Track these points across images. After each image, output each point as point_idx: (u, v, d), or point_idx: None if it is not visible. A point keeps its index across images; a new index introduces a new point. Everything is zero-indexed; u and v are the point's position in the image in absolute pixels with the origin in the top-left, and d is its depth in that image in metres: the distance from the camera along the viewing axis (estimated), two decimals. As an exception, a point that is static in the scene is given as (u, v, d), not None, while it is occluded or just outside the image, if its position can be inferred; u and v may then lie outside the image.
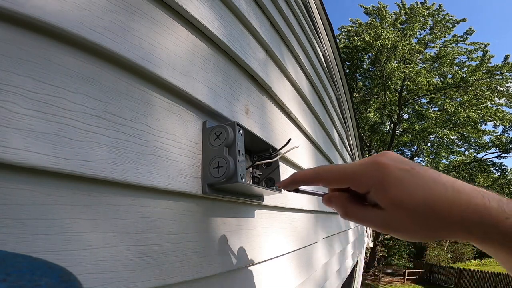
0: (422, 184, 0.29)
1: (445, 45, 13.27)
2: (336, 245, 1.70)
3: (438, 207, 0.28)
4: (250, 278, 0.57)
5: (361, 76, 14.73)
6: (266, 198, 0.61)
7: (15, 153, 0.23)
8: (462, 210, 0.28)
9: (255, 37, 0.70)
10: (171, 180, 0.39)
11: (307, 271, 0.98)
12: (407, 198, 0.29)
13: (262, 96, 0.72)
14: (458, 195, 0.28)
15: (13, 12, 0.24)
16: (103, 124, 0.31)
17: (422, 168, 0.31)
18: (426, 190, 0.29)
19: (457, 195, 0.28)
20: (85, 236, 0.28)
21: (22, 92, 0.25)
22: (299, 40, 1.09)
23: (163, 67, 0.39)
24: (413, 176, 0.30)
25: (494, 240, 0.27)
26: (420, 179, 0.29)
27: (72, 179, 0.28)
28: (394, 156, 0.32)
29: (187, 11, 0.44)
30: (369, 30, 12.65)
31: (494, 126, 12.75)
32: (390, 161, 0.31)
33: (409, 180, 0.29)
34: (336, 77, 2.04)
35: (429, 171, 0.30)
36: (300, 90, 1.04)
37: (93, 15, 0.31)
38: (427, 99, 13.80)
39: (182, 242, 0.40)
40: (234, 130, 0.43)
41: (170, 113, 0.41)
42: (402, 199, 0.29)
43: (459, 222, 0.28)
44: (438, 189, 0.29)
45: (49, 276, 0.15)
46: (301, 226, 0.94)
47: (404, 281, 13.79)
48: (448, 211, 0.28)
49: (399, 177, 0.30)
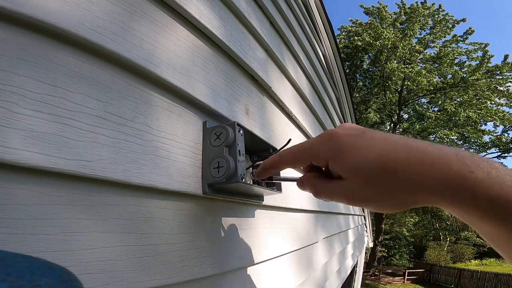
0: (375, 145, 0.28)
1: (445, 45, 13.28)
2: (336, 245, 1.70)
3: (392, 166, 0.27)
4: (250, 278, 0.57)
5: (361, 76, 14.73)
6: (266, 198, 0.61)
7: (15, 153, 0.23)
8: (418, 167, 0.26)
9: (255, 37, 0.70)
10: (171, 180, 0.39)
11: (307, 271, 0.98)
12: (362, 162, 0.28)
13: (262, 96, 0.72)
14: (413, 153, 0.26)
15: (13, 12, 0.24)
16: (103, 124, 0.31)
17: (373, 131, 0.30)
18: (378, 151, 0.27)
19: (412, 153, 0.26)
20: (85, 236, 0.28)
21: (22, 92, 0.25)
22: (299, 40, 1.09)
23: (163, 67, 0.39)
24: (365, 139, 0.29)
25: (462, 200, 0.25)
26: (372, 140, 0.28)
27: (72, 179, 0.28)
28: (347, 126, 0.32)
29: (187, 11, 0.44)
30: (369, 30, 12.65)
31: (494, 126, 12.76)
32: (343, 130, 0.31)
33: (361, 144, 0.29)
34: (336, 77, 2.04)
35: (379, 133, 0.29)
36: (300, 90, 1.04)
37: (93, 15, 0.31)
38: (427, 99, 13.81)
39: (182, 242, 0.40)
40: (234, 130, 0.43)
41: (170, 113, 0.41)
42: (357, 164, 0.28)
43: (419, 182, 0.26)
44: (389, 148, 0.27)
45: (49, 276, 0.15)
46: (301, 226, 0.94)
47: (404, 281, 13.79)
48: (404, 170, 0.26)
49: (351, 143, 0.29)
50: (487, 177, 0.24)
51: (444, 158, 0.25)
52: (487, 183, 0.24)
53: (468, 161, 0.25)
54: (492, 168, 0.24)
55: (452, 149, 0.26)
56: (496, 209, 0.24)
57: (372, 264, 14.01)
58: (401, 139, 0.28)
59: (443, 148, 0.26)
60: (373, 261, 14.05)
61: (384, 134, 0.29)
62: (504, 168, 0.24)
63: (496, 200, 0.23)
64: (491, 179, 0.24)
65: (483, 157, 0.26)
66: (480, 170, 0.24)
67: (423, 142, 0.27)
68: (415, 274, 14.58)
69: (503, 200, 0.23)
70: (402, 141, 0.27)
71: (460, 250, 18.45)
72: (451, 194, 0.25)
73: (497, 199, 0.23)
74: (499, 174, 0.24)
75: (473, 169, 0.24)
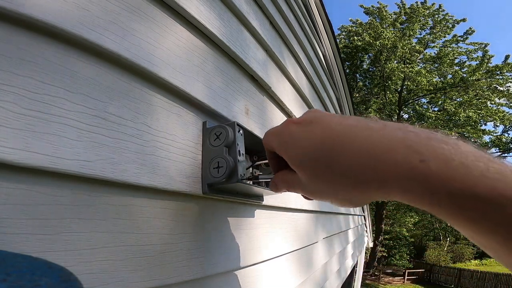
0: (313, 136, 0.25)
1: (445, 45, 13.28)
2: (336, 245, 1.70)
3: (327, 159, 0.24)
4: (250, 278, 0.57)
5: (361, 76, 14.73)
6: (266, 198, 0.61)
7: (15, 153, 0.23)
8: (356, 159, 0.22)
9: (255, 37, 0.70)
10: (171, 180, 0.39)
11: (307, 271, 0.98)
12: (300, 154, 0.26)
13: (262, 96, 0.72)
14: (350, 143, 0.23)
15: (13, 12, 0.24)
16: (103, 124, 0.31)
17: (323, 118, 0.26)
18: (315, 142, 0.25)
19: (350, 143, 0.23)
20: (85, 236, 0.28)
21: (22, 92, 0.25)
22: (299, 40, 1.09)
23: (163, 67, 0.39)
24: (307, 128, 0.26)
25: (418, 195, 0.21)
26: (312, 130, 0.26)
27: (72, 179, 0.28)
28: (305, 114, 0.29)
29: (187, 11, 0.44)
30: (369, 30, 12.65)
31: (494, 126, 12.76)
32: (297, 119, 0.29)
33: (302, 135, 0.26)
34: (336, 77, 2.04)
35: (326, 120, 0.26)
36: (300, 90, 1.04)
37: (93, 15, 0.31)
38: (427, 99, 13.81)
39: (182, 242, 0.40)
40: (234, 130, 0.43)
41: (170, 113, 0.41)
42: (297, 157, 0.27)
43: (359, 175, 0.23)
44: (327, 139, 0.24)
45: (49, 276, 0.15)
46: (301, 226, 0.94)
47: (404, 281, 13.80)
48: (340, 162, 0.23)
49: (294, 134, 0.27)
50: (447, 166, 0.19)
51: (387, 146, 0.21)
52: (445, 174, 0.19)
53: (422, 147, 0.20)
54: (457, 154, 0.20)
55: (406, 132, 0.22)
56: (465, 207, 0.19)
57: (372, 264, 14.01)
58: (345, 126, 0.24)
59: (391, 133, 0.22)
60: (373, 261, 14.05)
61: (331, 120, 0.26)
62: (475, 152, 0.20)
63: (460, 195, 0.19)
64: (452, 169, 0.19)
65: (451, 140, 0.21)
66: (438, 158, 0.20)
67: (370, 128, 0.23)
68: (415, 274, 14.59)
69: (468, 195, 0.18)
70: (344, 130, 0.24)
71: (460, 250, 18.45)
72: (401, 189, 0.21)
73: (460, 194, 0.19)
74: (465, 161, 0.19)
75: (427, 157, 0.20)
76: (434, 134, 0.21)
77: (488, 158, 0.19)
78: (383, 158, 0.21)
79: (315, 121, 0.27)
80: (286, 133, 0.28)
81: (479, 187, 0.18)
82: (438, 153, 0.20)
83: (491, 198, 0.18)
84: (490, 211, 0.18)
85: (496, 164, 0.19)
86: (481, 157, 0.19)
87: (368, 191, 0.24)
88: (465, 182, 0.19)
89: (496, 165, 0.19)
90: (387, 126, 0.23)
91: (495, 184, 0.18)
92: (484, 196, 0.18)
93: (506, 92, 11.69)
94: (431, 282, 14.40)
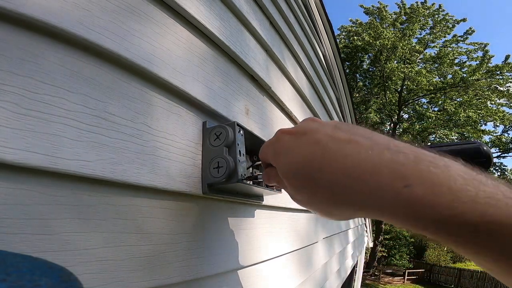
0: (302, 150, 0.25)
1: (445, 45, 13.28)
2: (336, 245, 1.70)
3: (312, 176, 0.24)
4: (250, 278, 0.57)
5: (361, 76, 14.73)
6: (266, 198, 0.61)
7: (15, 153, 0.23)
8: (342, 179, 0.22)
9: (255, 37, 0.70)
10: (171, 180, 0.39)
11: (307, 271, 0.98)
12: (287, 167, 0.27)
13: (262, 96, 0.72)
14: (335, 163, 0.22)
15: (13, 12, 0.24)
16: (103, 124, 0.31)
17: (317, 131, 0.26)
18: (301, 157, 0.25)
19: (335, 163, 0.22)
20: (85, 236, 0.28)
21: (22, 92, 0.25)
22: (299, 40, 1.09)
23: (163, 67, 0.39)
24: (298, 141, 0.26)
25: (406, 220, 0.20)
26: (303, 143, 0.26)
27: (72, 179, 0.28)
28: (301, 124, 0.29)
29: (187, 11, 0.44)
30: (369, 30, 12.65)
31: (494, 126, 12.75)
32: (290, 129, 0.29)
33: (292, 147, 0.27)
34: (336, 77, 2.04)
35: (319, 134, 0.25)
36: (300, 90, 1.04)
37: (93, 15, 0.31)
38: (427, 99, 13.81)
39: (182, 242, 0.40)
40: (234, 130, 0.43)
41: (170, 113, 0.41)
42: (284, 169, 0.27)
43: (345, 196, 0.23)
44: (314, 155, 0.24)
45: (49, 276, 0.15)
46: (301, 226, 0.94)
47: (404, 281, 13.79)
48: (327, 179, 0.23)
49: (286, 145, 0.27)
50: (433, 192, 0.19)
51: (373, 168, 0.21)
52: (431, 201, 0.18)
53: (409, 171, 0.20)
54: (445, 178, 0.19)
55: (394, 153, 0.21)
56: (452, 233, 0.18)
57: (372, 264, 14.01)
58: (336, 142, 0.24)
59: (379, 153, 0.21)
60: (373, 261, 14.05)
61: (325, 133, 0.25)
62: (466, 174, 0.19)
63: (447, 222, 0.18)
64: (439, 195, 0.18)
65: (441, 162, 0.20)
66: (424, 183, 0.19)
67: (360, 146, 0.23)
68: (415, 274, 14.59)
69: (456, 222, 0.18)
70: (334, 146, 0.24)
71: (460, 250, 18.39)
72: (385, 212, 0.21)
73: (447, 221, 0.18)
74: (454, 185, 0.18)
75: (412, 182, 0.19)
76: (424, 155, 0.20)
77: (480, 181, 0.19)
78: (368, 181, 0.21)
79: (309, 133, 0.26)
80: (279, 143, 0.29)
81: (468, 214, 0.18)
82: (424, 178, 0.19)
83: (481, 225, 0.17)
84: (480, 237, 0.18)
85: (488, 187, 0.18)
86: (472, 180, 0.19)
87: (349, 211, 0.24)
88: (452, 209, 0.18)
89: (488, 188, 0.18)
90: (376, 145, 0.22)
91: (485, 210, 0.17)
92: (474, 223, 0.17)
93: (506, 92, 11.69)
94: (431, 282, 14.40)
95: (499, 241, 0.17)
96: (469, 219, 0.18)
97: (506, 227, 0.17)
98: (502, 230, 0.17)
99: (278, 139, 0.29)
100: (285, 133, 0.29)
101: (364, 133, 0.24)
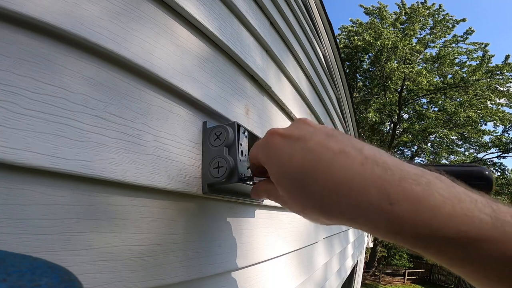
0: (295, 157, 0.25)
1: (445, 45, 13.27)
2: (336, 245, 1.70)
3: (303, 184, 0.24)
4: (250, 278, 0.57)
5: (361, 76, 14.72)
6: (266, 198, 0.61)
7: (15, 153, 0.23)
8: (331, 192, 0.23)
9: (255, 37, 0.70)
10: (171, 180, 0.39)
11: (307, 271, 0.98)
12: (280, 172, 0.26)
13: (262, 96, 0.72)
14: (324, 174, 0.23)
15: (13, 12, 0.24)
16: (103, 124, 0.31)
17: (312, 136, 0.26)
18: (294, 164, 0.25)
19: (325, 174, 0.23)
20: (85, 236, 0.28)
21: (22, 92, 0.25)
22: (299, 40, 1.09)
23: (163, 67, 0.39)
24: (290, 146, 0.26)
25: (395, 236, 0.21)
26: (296, 150, 0.25)
27: (72, 179, 0.28)
28: (293, 126, 0.28)
29: (187, 11, 0.44)
30: (369, 30, 12.65)
31: (494, 126, 12.75)
32: (283, 130, 0.28)
33: (285, 152, 0.26)
34: (336, 77, 2.04)
35: (314, 141, 0.25)
36: (300, 90, 1.04)
37: (93, 15, 0.31)
38: (427, 99, 13.80)
39: (182, 242, 0.40)
40: (234, 130, 0.43)
41: (170, 113, 0.41)
42: (277, 174, 0.27)
43: (334, 208, 0.23)
44: (307, 163, 0.24)
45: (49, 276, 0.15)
46: (301, 226, 0.94)
47: (404, 281, 13.79)
48: (316, 190, 0.23)
49: (279, 149, 0.27)
50: (415, 209, 0.19)
51: (362, 185, 0.21)
52: (412, 218, 0.19)
53: (393, 189, 0.20)
54: (425, 196, 0.19)
55: (383, 170, 0.21)
56: (430, 248, 0.20)
57: (372, 264, 14.01)
58: (328, 152, 0.24)
59: (370, 169, 0.22)
60: (373, 261, 14.05)
61: (319, 141, 0.25)
62: (446, 191, 0.20)
63: (425, 237, 0.19)
64: (419, 212, 0.19)
65: (423, 179, 0.20)
66: (406, 200, 0.20)
67: (352, 159, 0.23)
68: (415, 274, 14.59)
69: (433, 237, 0.19)
70: (326, 157, 0.24)
71: (460, 250, 18.40)
72: (369, 225, 0.22)
73: (425, 236, 0.19)
74: (434, 202, 0.19)
75: (395, 199, 0.20)
76: (407, 173, 0.21)
77: (459, 198, 0.19)
78: (355, 198, 0.22)
79: (302, 139, 0.26)
80: (271, 146, 0.28)
81: (444, 230, 0.19)
82: (407, 195, 0.20)
83: (456, 239, 0.18)
84: (457, 252, 0.19)
85: (465, 203, 0.19)
86: (450, 197, 0.19)
87: (336, 220, 0.25)
88: (430, 226, 0.19)
89: (465, 204, 0.19)
90: (365, 159, 0.23)
91: (459, 226, 0.18)
92: (450, 238, 0.19)
93: (506, 92, 11.68)
94: (431, 282, 14.40)
95: (472, 256, 0.18)
96: (445, 235, 0.19)
97: (479, 242, 0.18)
98: (475, 244, 0.18)
99: (270, 141, 0.29)
100: (276, 135, 0.28)
101: (355, 144, 0.24)
